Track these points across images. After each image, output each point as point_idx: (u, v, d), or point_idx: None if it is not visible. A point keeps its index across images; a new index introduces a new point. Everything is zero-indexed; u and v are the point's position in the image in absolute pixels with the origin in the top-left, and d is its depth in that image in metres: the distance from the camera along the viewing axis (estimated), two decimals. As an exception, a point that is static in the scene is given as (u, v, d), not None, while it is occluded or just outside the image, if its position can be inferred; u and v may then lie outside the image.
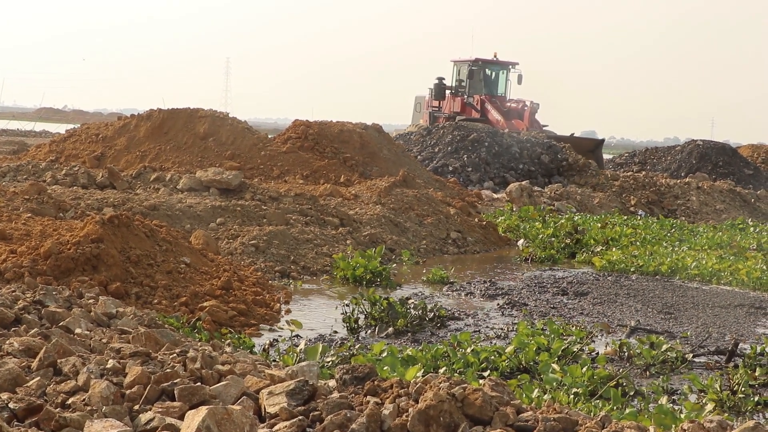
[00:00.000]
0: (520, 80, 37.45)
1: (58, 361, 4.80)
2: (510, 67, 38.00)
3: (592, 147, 32.72)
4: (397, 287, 12.41)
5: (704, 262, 15.44)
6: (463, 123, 33.15)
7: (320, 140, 23.48)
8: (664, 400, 6.90)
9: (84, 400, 4.28)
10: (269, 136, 24.41)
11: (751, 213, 29.45)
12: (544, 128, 34.38)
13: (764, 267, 15.24)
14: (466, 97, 37.23)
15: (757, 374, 8.12)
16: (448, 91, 38.40)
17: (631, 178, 28.74)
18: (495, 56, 38.15)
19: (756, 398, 7.56)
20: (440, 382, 4.32)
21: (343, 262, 12.68)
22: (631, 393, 7.46)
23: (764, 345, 9.06)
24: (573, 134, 33.51)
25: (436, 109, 38.27)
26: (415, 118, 39.92)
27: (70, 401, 4.31)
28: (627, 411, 6.32)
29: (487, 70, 37.88)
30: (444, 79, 38.50)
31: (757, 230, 21.64)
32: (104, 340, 5.76)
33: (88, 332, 6.04)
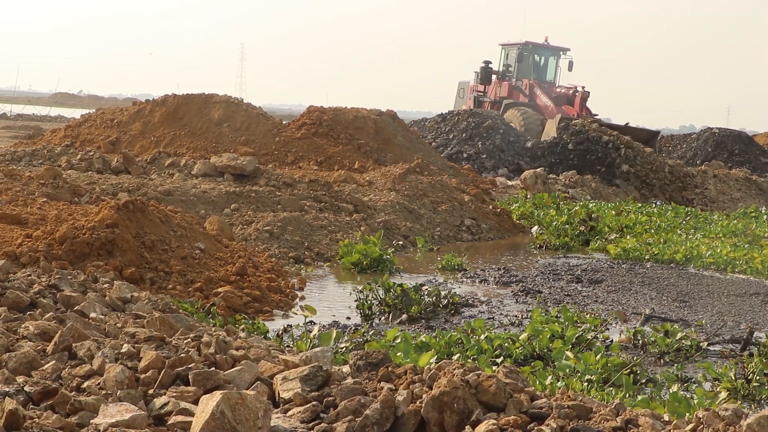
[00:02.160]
0: (570, 67, 36.12)
1: (73, 345, 4.82)
2: (561, 52, 36.76)
3: (646, 138, 31.42)
4: (398, 273, 12.34)
5: (719, 250, 15.38)
6: (477, 110, 32.86)
7: (334, 126, 23.46)
8: (675, 387, 6.89)
9: (99, 384, 4.30)
10: (284, 122, 24.41)
11: (767, 201, 29.30)
12: (595, 117, 32.59)
13: (780, 256, 15.17)
14: (514, 81, 35.94)
15: (772, 363, 8.08)
16: (494, 76, 36.99)
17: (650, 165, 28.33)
18: (546, 40, 36.94)
19: (771, 387, 7.53)
20: (454, 369, 4.31)
21: (342, 249, 12.67)
22: (643, 380, 7.45)
23: (779, 334, 9.02)
24: (627, 123, 32.00)
25: (481, 93, 37.13)
26: (458, 104, 38.47)
27: (85, 385, 4.32)
28: (639, 398, 6.31)
29: (536, 55, 36.63)
30: (491, 62, 37.12)
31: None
32: (119, 325, 5.78)
33: (103, 317, 6.06)
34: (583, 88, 33.20)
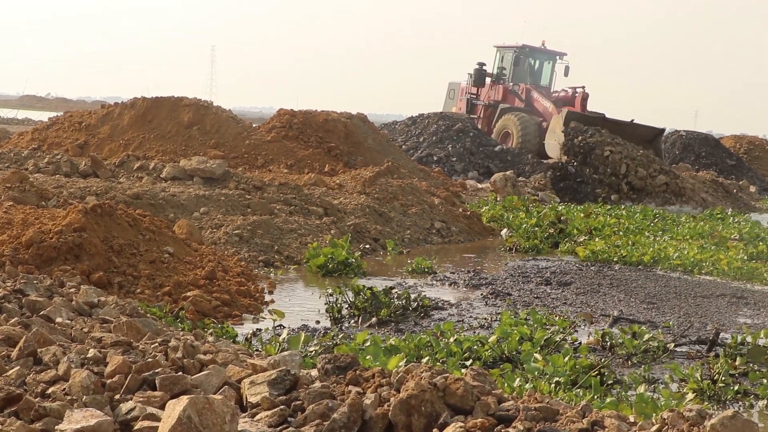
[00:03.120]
0: (566, 72, 35.16)
1: (39, 350, 4.78)
2: (557, 57, 35.53)
3: (650, 137, 30.31)
4: (364, 276, 12.32)
5: (686, 252, 15.51)
6: (447, 113, 32.75)
7: (305, 129, 23.42)
8: (642, 388, 6.94)
9: (64, 389, 4.27)
10: (254, 125, 24.34)
11: (734, 203, 29.62)
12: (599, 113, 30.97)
13: (745, 257, 15.33)
14: (510, 85, 34.55)
15: (737, 364, 8.17)
16: (488, 78, 35.66)
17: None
18: (543, 44, 35.56)
19: (736, 387, 7.61)
20: (422, 372, 4.32)
21: (309, 252, 12.64)
22: (611, 382, 7.49)
23: (745, 335, 9.11)
24: (633, 120, 30.46)
25: (474, 96, 35.79)
26: (448, 105, 37.19)
27: (50, 391, 4.29)
28: (607, 400, 6.35)
29: (531, 58, 35.52)
30: (485, 65, 35.67)
31: (736, 220, 21.76)
32: (85, 330, 5.74)
33: (69, 321, 6.01)
34: (583, 88, 31.99)
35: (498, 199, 22.74)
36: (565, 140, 27.64)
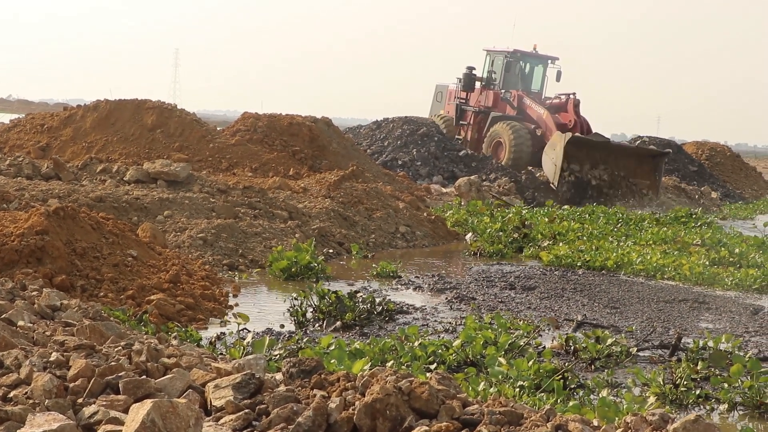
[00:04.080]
0: (558, 77, 33.78)
1: (0, 353, 4.73)
2: (549, 61, 34.44)
3: (652, 160, 29.18)
4: (327, 280, 12.25)
5: (649, 257, 15.64)
6: (412, 117, 32.58)
7: (269, 133, 23.37)
8: (605, 392, 6.99)
9: (26, 393, 4.22)
10: (218, 129, 24.26)
11: (695, 209, 29.90)
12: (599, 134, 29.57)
13: (707, 262, 15.48)
14: (502, 92, 33.46)
15: (699, 368, 8.25)
16: (477, 83, 34.49)
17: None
18: (535, 48, 34.47)
19: (698, 392, 7.69)
20: (387, 376, 4.32)
21: (272, 255, 12.60)
22: (573, 386, 7.54)
23: (706, 339, 9.21)
24: (638, 143, 29.04)
25: (463, 101, 34.67)
26: (435, 108, 36.48)
27: (11, 394, 4.24)
28: (570, 404, 6.39)
29: (521, 62, 34.43)
30: (474, 69, 34.51)
31: (699, 223, 21.94)
32: (48, 333, 5.68)
33: (32, 325, 5.96)
34: (574, 95, 30.90)
35: (462, 203, 22.81)
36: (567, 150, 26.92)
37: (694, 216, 22.95)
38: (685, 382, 7.69)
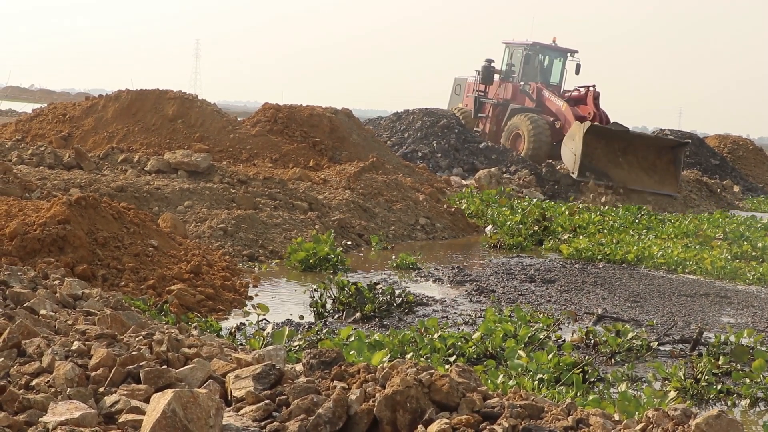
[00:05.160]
0: (578, 70, 33.48)
1: (23, 342, 4.75)
2: (568, 54, 34.10)
3: (673, 145, 28.77)
4: (344, 272, 12.26)
5: (670, 251, 15.56)
6: (432, 109, 32.47)
7: (290, 124, 23.36)
8: (623, 386, 6.96)
9: (48, 381, 4.24)
10: (238, 119, 24.27)
11: (717, 203, 29.74)
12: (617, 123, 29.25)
13: (728, 257, 15.39)
14: (521, 84, 33.30)
15: (720, 363, 8.21)
16: (496, 76, 34.13)
17: None
18: (554, 41, 34.21)
19: (719, 387, 7.65)
20: (407, 368, 4.31)
21: (291, 246, 12.61)
22: (593, 380, 7.52)
23: (728, 334, 9.15)
24: (657, 134, 28.28)
25: (482, 94, 34.40)
26: (453, 101, 36.40)
27: (34, 383, 4.26)
28: (590, 398, 6.37)
29: (540, 55, 34.06)
30: (493, 61, 34.05)
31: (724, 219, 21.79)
32: (69, 322, 5.71)
33: (53, 313, 5.98)
34: (594, 87, 30.50)
35: (476, 192, 22.74)
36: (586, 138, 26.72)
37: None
38: (706, 377, 7.65)
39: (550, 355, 7.54)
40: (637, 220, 20.19)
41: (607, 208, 23.14)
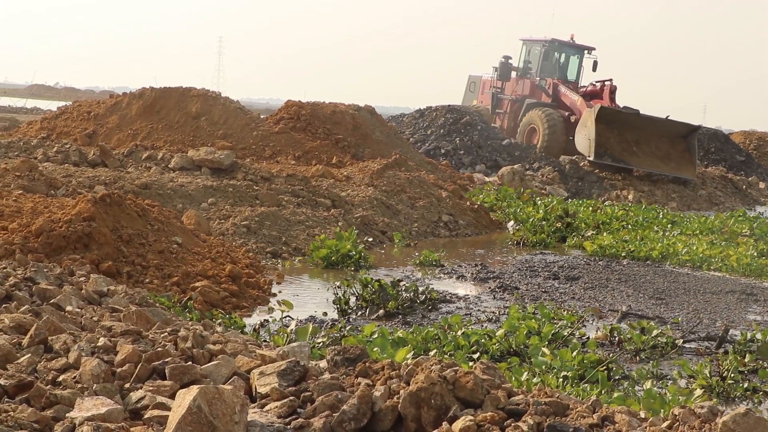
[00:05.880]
0: (595, 67, 33.73)
1: (49, 338, 4.79)
2: (585, 51, 34.30)
3: (685, 133, 29.28)
4: (366, 269, 12.25)
5: (695, 247, 15.46)
6: (455, 106, 32.46)
7: (312, 121, 23.40)
8: (648, 384, 6.92)
9: (75, 377, 4.27)
10: (261, 117, 24.32)
11: (743, 199, 29.53)
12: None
13: (755, 253, 15.27)
14: (538, 79, 33.51)
15: (746, 360, 8.15)
16: (513, 72, 34.52)
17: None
18: (572, 38, 34.29)
19: (745, 384, 7.60)
20: (432, 365, 4.31)
21: (313, 243, 12.62)
22: (617, 377, 7.49)
23: (754, 332, 9.09)
24: (668, 117, 29.13)
25: (499, 90, 34.65)
26: (468, 99, 36.40)
27: (60, 378, 4.29)
28: (615, 395, 6.34)
29: (557, 52, 34.18)
30: (510, 58, 34.49)
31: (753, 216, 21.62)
32: (95, 318, 5.74)
33: (79, 310, 6.02)
34: (611, 81, 30.71)
35: (495, 188, 22.73)
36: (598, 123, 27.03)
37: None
38: (732, 375, 7.60)
39: (575, 353, 7.51)
40: (662, 215, 20.07)
41: (631, 205, 23.03)
